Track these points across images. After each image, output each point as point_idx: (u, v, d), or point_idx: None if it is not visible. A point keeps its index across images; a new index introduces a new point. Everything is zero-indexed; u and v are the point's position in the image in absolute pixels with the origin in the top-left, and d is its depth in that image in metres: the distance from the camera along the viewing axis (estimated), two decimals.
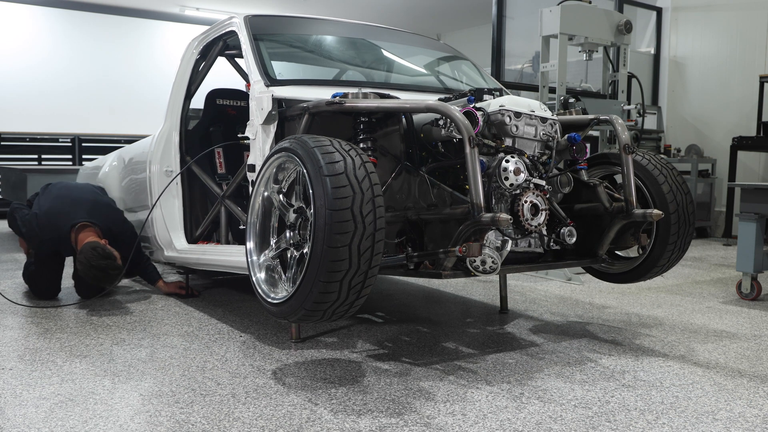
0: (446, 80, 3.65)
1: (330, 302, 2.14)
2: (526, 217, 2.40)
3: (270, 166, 2.49)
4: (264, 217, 2.58)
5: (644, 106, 5.53)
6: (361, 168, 2.13)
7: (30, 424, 1.94)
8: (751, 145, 6.91)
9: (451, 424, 1.96)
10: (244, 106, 4.10)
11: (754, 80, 7.26)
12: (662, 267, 2.84)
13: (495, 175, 2.40)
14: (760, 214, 3.85)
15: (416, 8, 10.63)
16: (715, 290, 4.30)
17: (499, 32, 6.56)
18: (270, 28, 3.42)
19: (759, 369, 2.56)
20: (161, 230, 3.80)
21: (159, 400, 2.15)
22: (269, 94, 2.77)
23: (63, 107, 10.12)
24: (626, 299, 3.92)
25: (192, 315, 3.41)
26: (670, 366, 2.57)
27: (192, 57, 3.77)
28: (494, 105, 2.49)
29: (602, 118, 2.81)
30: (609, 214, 2.69)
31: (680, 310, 3.64)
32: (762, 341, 2.99)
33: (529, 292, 4.15)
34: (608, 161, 2.93)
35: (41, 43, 10.14)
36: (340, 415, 2.03)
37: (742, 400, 2.21)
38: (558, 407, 2.11)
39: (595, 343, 2.90)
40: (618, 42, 5.09)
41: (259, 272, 2.52)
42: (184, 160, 3.75)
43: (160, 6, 10.66)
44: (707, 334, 3.10)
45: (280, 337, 2.95)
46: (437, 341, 2.92)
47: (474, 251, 2.23)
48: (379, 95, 2.51)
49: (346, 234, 2.05)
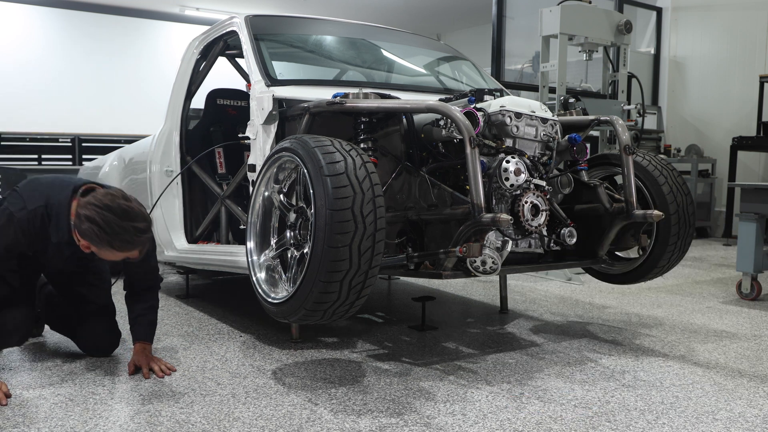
0: (446, 80, 3.65)
1: (330, 302, 2.14)
2: (527, 218, 2.40)
3: (271, 166, 2.49)
4: (264, 216, 2.58)
5: (644, 106, 5.53)
6: (361, 168, 2.13)
7: (30, 424, 1.94)
8: (751, 145, 6.91)
9: (451, 424, 1.96)
10: (245, 106, 4.10)
11: (754, 80, 7.26)
12: (662, 268, 2.84)
13: (495, 176, 2.40)
14: (760, 214, 3.86)
15: (416, 8, 10.63)
16: (715, 290, 4.30)
17: (499, 32, 6.56)
18: (271, 28, 3.42)
19: (759, 369, 2.56)
20: (161, 230, 3.80)
21: (159, 400, 2.15)
22: (270, 94, 2.77)
23: (63, 107, 10.12)
24: (626, 299, 3.92)
25: (192, 315, 3.41)
26: (670, 366, 2.57)
27: (192, 57, 3.77)
28: (495, 105, 2.50)
29: (603, 118, 2.81)
30: (609, 215, 2.69)
31: (680, 310, 3.64)
32: (762, 341, 3.00)
33: (529, 292, 4.15)
34: (609, 162, 2.93)
35: (42, 43, 10.14)
36: (340, 415, 2.03)
37: (742, 400, 2.21)
38: (558, 407, 2.11)
39: (595, 343, 2.90)
40: (618, 42, 5.09)
41: (260, 272, 2.52)
42: (185, 160, 3.75)
43: (160, 6, 10.66)
44: (707, 334, 3.10)
45: (280, 337, 2.95)
46: (437, 341, 2.92)
47: (474, 252, 2.23)
48: (379, 95, 2.52)
49: (346, 234, 2.05)
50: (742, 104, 7.59)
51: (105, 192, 2.23)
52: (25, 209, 2.29)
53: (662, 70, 8.33)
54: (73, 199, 2.30)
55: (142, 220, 2.20)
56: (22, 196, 2.33)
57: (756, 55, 7.51)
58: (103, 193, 2.22)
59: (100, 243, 2.17)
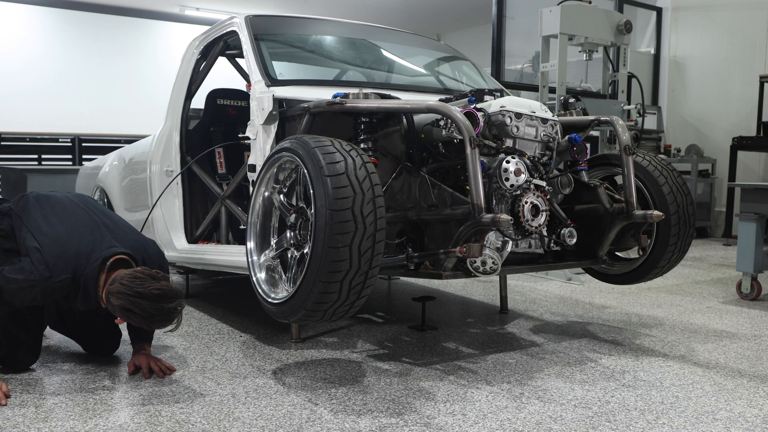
0: (446, 81, 3.65)
1: (330, 302, 2.15)
2: (527, 218, 2.40)
3: (271, 166, 2.49)
4: (264, 217, 2.58)
5: (644, 106, 5.53)
6: (361, 168, 2.13)
7: (30, 424, 1.95)
8: (751, 145, 6.91)
9: (451, 424, 1.96)
10: (245, 106, 4.10)
11: (754, 80, 7.26)
12: (662, 268, 2.84)
13: (495, 176, 2.40)
14: (760, 214, 3.86)
15: (416, 8, 10.63)
16: (715, 290, 4.30)
17: (499, 32, 6.56)
18: (271, 29, 3.42)
19: (759, 369, 2.57)
20: (161, 230, 3.80)
21: (159, 400, 2.15)
22: (270, 94, 2.77)
23: (63, 107, 10.12)
24: (626, 299, 3.92)
25: (192, 315, 3.41)
26: (670, 366, 2.58)
27: (193, 57, 3.77)
28: (495, 106, 2.50)
29: (603, 119, 2.81)
30: (609, 215, 2.69)
31: (680, 310, 3.64)
32: (762, 341, 3.00)
33: (529, 292, 4.15)
34: (609, 162, 2.93)
35: (42, 43, 10.14)
36: (340, 415, 2.03)
37: (742, 400, 2.22)
38: (558, 407, 2.11)
39: (595, 343, 2.90)
40: (618, 42, 5.09)
41: (260, 272, 2.52)
42: (185, 160, 3.75)
43: (160, 6, 10.66)
44: (707, 334, 3.10)
45: (280, 337, 2.95)
46: (437, 341, 2.92)
47: (474, 252, 2.23)
48: (379, 96, 2.52)
49: (346, 234, 2.05)
50: (742, 104, 7.59)
51: (132, 276, 2.19)
52: (52, 279, 2.21)
53: (662, 70, 8.34)
54: (101, 272, 2.26)
55: (175, 298, 2.19)
56: (46, 261, 2.23)
57: (756, 55, 7.51)
58: (131, 277, 2.18)
59: (140, 324, 2.21)
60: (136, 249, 2.39)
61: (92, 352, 2.65)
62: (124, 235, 2.44)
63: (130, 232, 2.51)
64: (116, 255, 2.29)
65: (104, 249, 2.30)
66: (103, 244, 2.32)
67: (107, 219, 2.49)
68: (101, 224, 2.42)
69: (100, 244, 2.32)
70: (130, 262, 2.32)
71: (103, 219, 2.47)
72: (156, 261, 2.44)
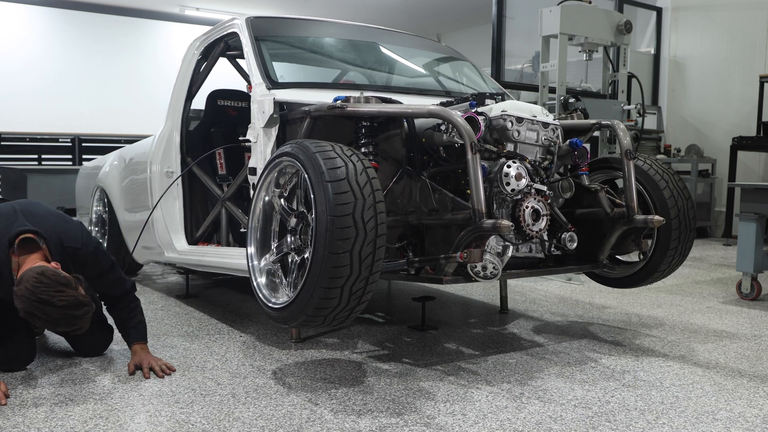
0: (447, 82, 3.65)
1: (331, 308, 2.15)
2: (528, 223, 2.40)
3: (271, 170, 2.50)
4: (265, 221, 2.58)
5: (644, 106, 5.54)
6: (362, 174, 2.13)
7: (30, 424, 1.95)
8: (751, 145, 6.92)
9: (452, 424, 1.97)
10: (246, 107, 4.10)
11: (754, 80, 7.26)
12: (663, 272, 2.85)
13: (496, 180, 2.40)
14: (760, 214, 3.86)
15: (416, 8, 10.63)
16: (715, 290, 4.31)
17: (499, 32, 6.56)
18: (271, 30, 3.42)
19: (759, 369, 2.57)
20: (162, 231, 3.81)
21: (159, 400, 2.16)
22: (271, 97, 2.77)
23: (63, 107, 10.12)
24: (626, 299, 3.93)
25: (192, 315, 3.42)
26: (670, 366, 2.58)
27: (193, 58, 3.77)
28: (496, 110, 2.50)
29: (604, 123, 2.81)
30: (610, 220, 2.69)
31: (680, 310, 3.65)
32: (762, 341, 3.01)
33: (529, 292, 4.16)
34: (609, 166, 2.93)
35: (42, 43, 10.14)
36: (341, 415, 2.04)
37: (742, 400, 2.22)
38: (558, 407, 2.12)
39: (595, 343, 2.91)
40: (618, 42, 5.10)
41: (260, 277, 2.52)
42: (185, 161, 3.75)
43: (160, 6, 10.66)
44: (707, 334, 3.11)
45: (280, 337, 2.96)
46: (437, 341, 2.93)
47: (475, 257, 2.23)
48: (380, 99, 2.52)
49: (347, 240, 2.05)
50: (742, 104, 7.60)
51: (38, 280, 2.12)
52: None
53: (662, 70, 8.34)
54: (11, 254, 2.25)
55: (81, 306, 2.16)
56: None
57: (756, 55, 7.51)
58: (36, 282, 2.11)
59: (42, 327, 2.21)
60: (51, 230, 2.34)
61: (86, 354, 2.64)
62: (42, 219, 2.38)
63: (53, 217, 2.43)
64: (21, 234, 2.25)
65: (12, 231, 2.27)
66: (14, 227, 2.29)
67: (30, 207, 2.44)
68: (20, 212, 2.37)
69: (10, 228, 2.29)
70: (37, 241, 2.28)
71: (26, 207, 2.42)
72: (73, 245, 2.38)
